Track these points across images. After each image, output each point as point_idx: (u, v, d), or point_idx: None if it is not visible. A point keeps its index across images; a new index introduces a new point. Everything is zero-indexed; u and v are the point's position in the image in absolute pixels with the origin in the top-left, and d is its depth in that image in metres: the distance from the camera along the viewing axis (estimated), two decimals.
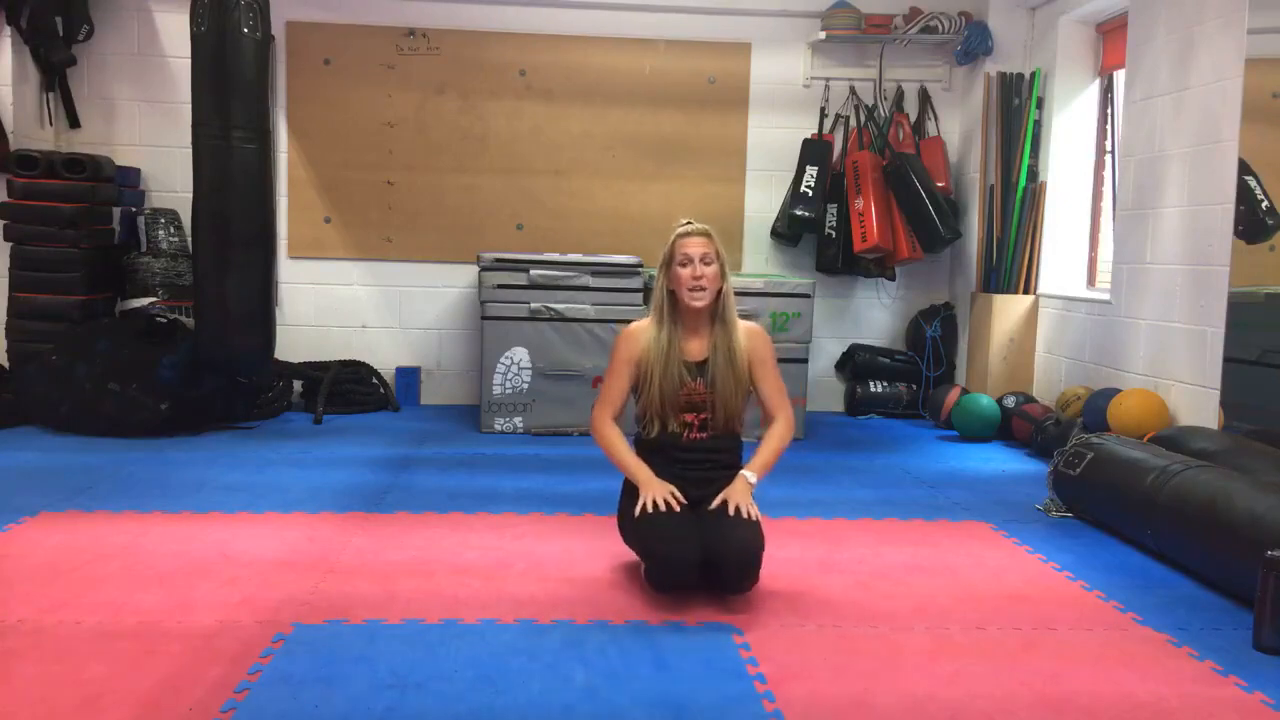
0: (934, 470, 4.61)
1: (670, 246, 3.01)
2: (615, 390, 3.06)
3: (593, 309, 5.23)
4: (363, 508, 3.70)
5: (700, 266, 2.96)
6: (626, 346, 3.06)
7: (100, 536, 3.27)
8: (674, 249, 3.00)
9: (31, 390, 4.91)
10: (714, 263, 2.99)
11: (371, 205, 5.88)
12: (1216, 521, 3.03)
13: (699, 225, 3.04)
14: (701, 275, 2.96)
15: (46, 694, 2.19)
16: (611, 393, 3.07)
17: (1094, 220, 5.62)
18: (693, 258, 2.96)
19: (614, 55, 5.92)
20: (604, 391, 3.09)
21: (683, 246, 2.98)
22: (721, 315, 3.02)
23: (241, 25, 4.63)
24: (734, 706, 2.21)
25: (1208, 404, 4.14)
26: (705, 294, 2.97)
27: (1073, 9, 5.41)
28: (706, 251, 2.98)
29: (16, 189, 5.16)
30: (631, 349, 3.04)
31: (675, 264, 2.99)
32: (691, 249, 2.97)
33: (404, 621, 2.64)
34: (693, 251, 2.96)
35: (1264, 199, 3.96)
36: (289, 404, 5.56)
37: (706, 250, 2.98)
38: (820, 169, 5.78)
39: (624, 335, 3.10)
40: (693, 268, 2.95)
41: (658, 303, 3.04)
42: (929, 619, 2.75)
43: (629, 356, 3.04)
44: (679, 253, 2.99)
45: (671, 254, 3.00)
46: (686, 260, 2.97)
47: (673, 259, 3.00)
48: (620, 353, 3.07)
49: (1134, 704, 2.29)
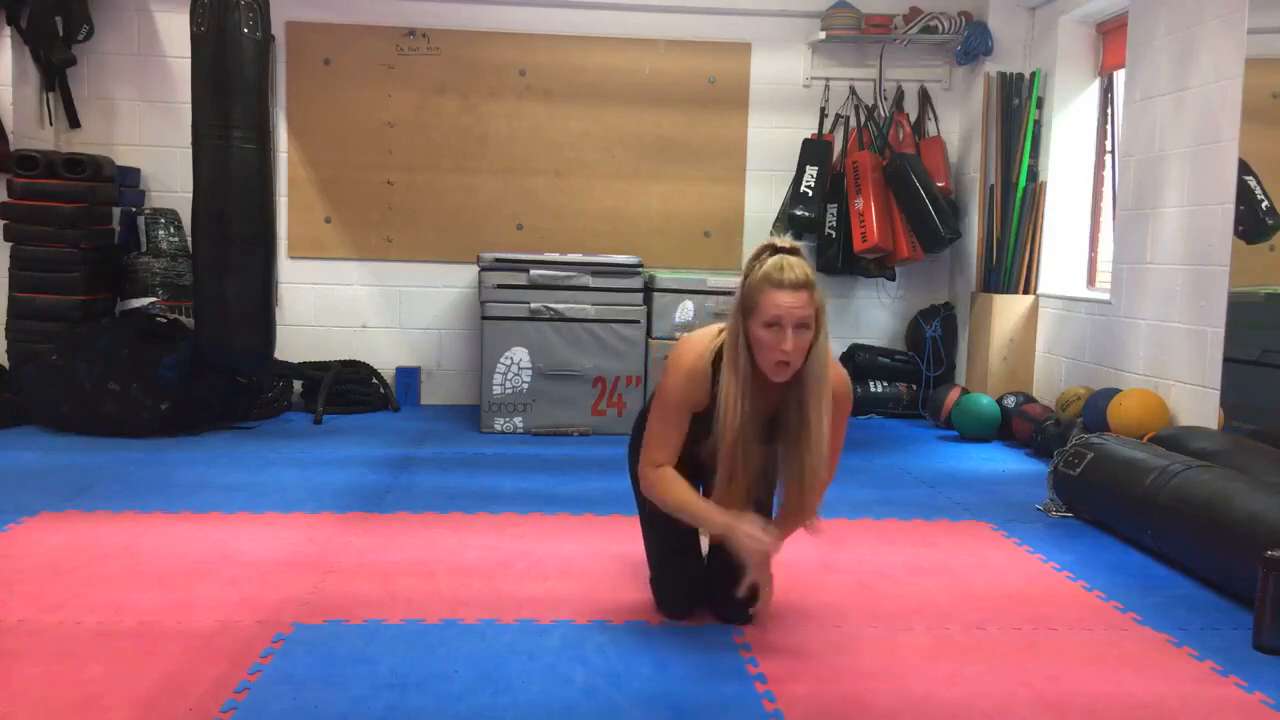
0: (934, 470, 4.61)
1: (754, 290, 2.25)
2: (673, 443, 2.44)
3: (593, 309, 5.23)
4: (363, 508, 3.70)
5: (792, 335, 2.23)
6: (687, 389, 2.41)
7: (100, 536, 3.27)
8: (760, 298, 2.24)
9: (31, 390, 4.91)
10: (810, 327, 2.26)
11: (371, 205, 5.88)
12: (1216, 521, 3.03)
13: (800, 270, 2.24)
14: (792, 349, 2.24)
15: (46, 694, 2.18)
16: (669, 446, 2.44)
17: (1094, 220, 5.62)
18: (784, 322, 2.22)
19: (614, 55, 5.92)
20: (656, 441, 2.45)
21: (773, 300, 2.22)
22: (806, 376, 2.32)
23: (241, 25, 4.63)
24: (734, 706, 2.21)
25: (1208, 404, 4.14)
26: (791, 369, 2.29)
27: (1073, 9, 5.41)
28: (805, 316, 2.23)
29: (16, 189, 5.16)
30: (694, 395, 2.41)
31: (758, 321, 2.25)
32: (784, 308, 2.22)
33: (404, 621, 2.63)
34: (786, 314, 2.22)
35: (1264, 199, 3.96)
36: (289, 404, 5.56)
37: (805, 314, 2.23)
38: (820, 169, 5.78)
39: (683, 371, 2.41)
40: (781, 335, 2.23)
41: (733, 354, 2.31)
42: (929, 619, 2.75)
43: (689, 401, 2.42)
44: (767, 308, 2.23)
45: (755, 303, 2.25)
46: (774, 322, 2.23)
47: (756, 310, 2.25)
48: (677, 394, 2.42)
49: (1134, 704, 2.29)
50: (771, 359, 2.26)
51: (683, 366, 2.42)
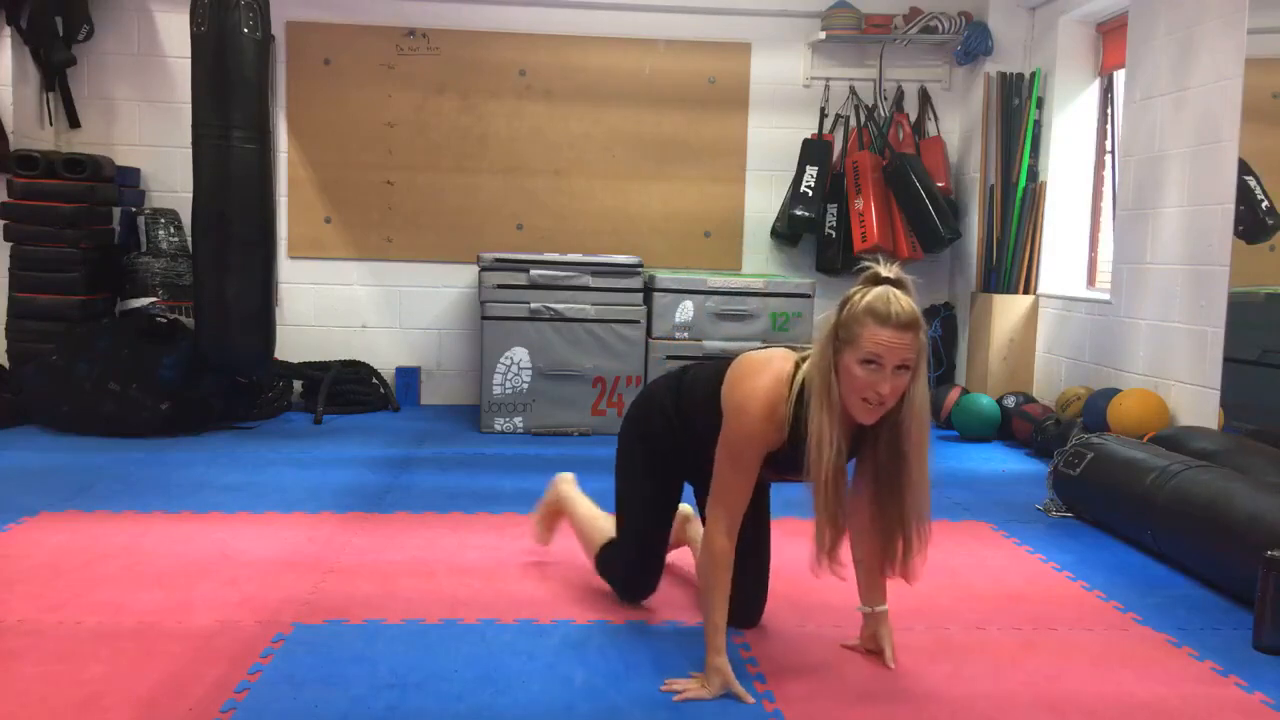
0: (934, 470, 4.55)
1: (855, 321, 2.06)
2: (748, 496, 2.23)
3: (593, 309, 5.23)
4: (363, 508, 3.70)
5: (890, 377, 2.05)
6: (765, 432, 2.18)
7: (100, 536, 3.27)
8: (861, 331, 2.05)
9: (31, 390, 4.91)
10: (910, 369, 2.07)
11: (371, 205, 5.88)
12: (1216, 521, 3.03)
13: (908, 306, 2.04)
14: (889, 392, 2.06)
15: (46, 694, 2.18)
16: (744, 499, 2.23)
17: (1094, 220, 5.63)
18: (885, 361, 2.04)
19: (614, 55, 5.92)
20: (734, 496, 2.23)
21: (875, 337, 2.03)
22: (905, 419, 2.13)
23: (241, 25, 4.63)
24: (734, 706, 2.21)
25: (1208, 404, 4.14)
26: (879, 413, 2.11)
27: (1073, 9, 5.41)
28: (908, 358, 2.05)
29: (16, 189, 5.16)
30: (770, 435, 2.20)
31: (854, 355, 2.06)
32: (887, 346, 2.03)
33: (404, 621, 2.63)
34: (888, 353, 2.03)
35: (1264, 199, 3.96)
36: (289, 404, 5.56)
37: (909, 356, 2.04)
38: (820, 169, 5.78)
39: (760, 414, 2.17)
40: (879, 375, 2.05)
41: (825, 386, 2.10)
42: (929, 619, 2.75)
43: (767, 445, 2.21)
44: (867, 343, 2.04)
45: (854, 336, 2.06)
46: (874, 360, 2.04)
47: (854, 344, 2.06)
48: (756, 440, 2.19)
49: (1134, 704, 2.29)
50: (861, 398, 2.08)
51: (757, 408, 2.19)
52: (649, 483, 2.66)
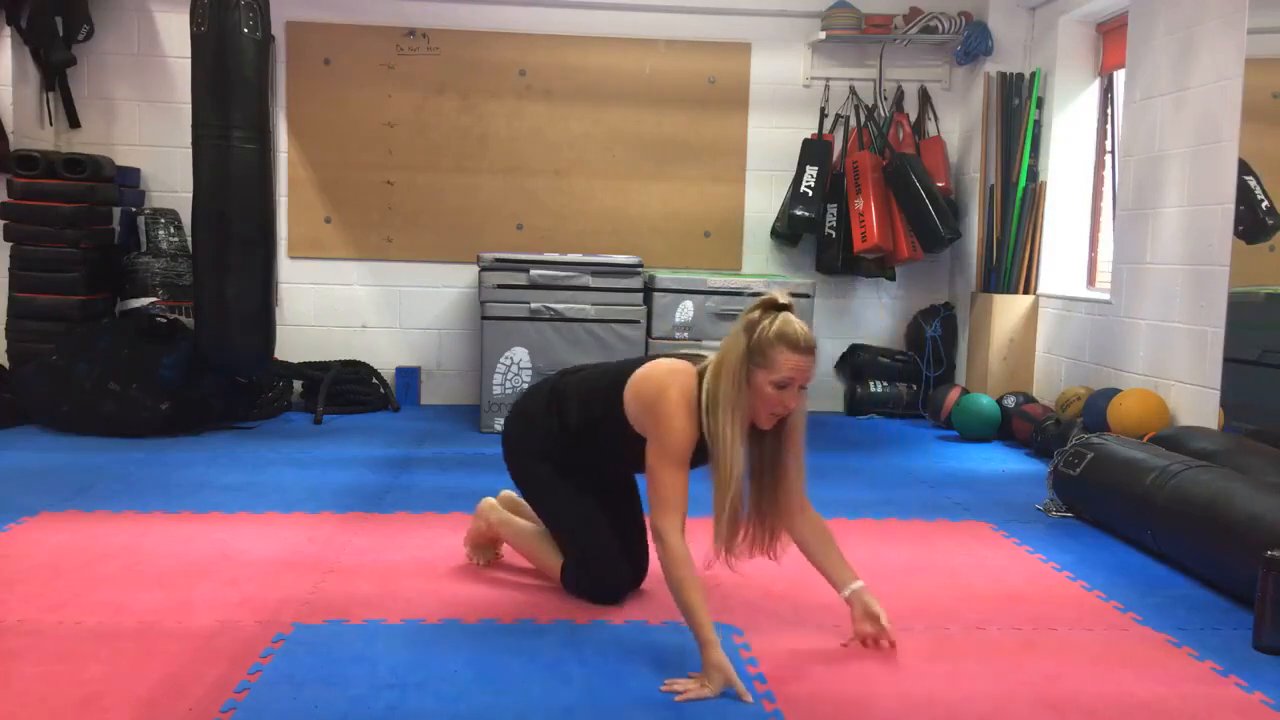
0: (934, 470, 4.61)
1: (769, 345, 2.33)
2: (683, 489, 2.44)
3: (593, 309, 5.23)
4: (363, 508, 3.70)
5: (796, 394, 2.38)
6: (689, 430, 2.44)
7: (100, 536, 3.27)
8: (776, 355, 2.33)
9: (31, 390, 4.91)
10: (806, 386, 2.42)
11: (371, 205, 5.88)
12: (1216, 521, 3.03)
13: (808, 333, 2.38)
14: (793, 406, 2.40)
15: (46, 694, 2.18)
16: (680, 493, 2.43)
17: (1094, 220, 5.63)
18: (795, 383, 2.36)
19: (614, 55, 5.92)
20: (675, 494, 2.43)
21: (790, 362, 2.33)
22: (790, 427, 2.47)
23: (241, 25, 4.63)
24: (734, 706, 2.21)
25: (1208, 404, 4.14)
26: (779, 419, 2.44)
27: (1073, 9, 5.41)
28: (810, 378, 2.39)
29: (16, 189, 5.16)
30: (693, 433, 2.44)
31: (768, 377, 2.34)
32: (798, 370, 2.35)
33: (404, 621, 2.63)
34: (798, 376, 2.36)
35: (1264, 199, 3.97)
36: (289, 404, 5.56)
37: (811, 376, 2.39)
38: (820, 169, 5.78)
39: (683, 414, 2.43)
40: (790, 393, 2.37)
41: (734, 397, 2.36)
42: (929, 619, 2.75)
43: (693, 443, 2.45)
44: (782, 367, 2.33)
45: (769, 360, 2.33)
46: (786, 383, 2.35)
47: (769, 366, 2.34)
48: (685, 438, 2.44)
49: (1134, 704, 2.29)
50: (769, 412, 2.38)
51: (680, 409, 2.44)
52: (568, 490, 2.80)
